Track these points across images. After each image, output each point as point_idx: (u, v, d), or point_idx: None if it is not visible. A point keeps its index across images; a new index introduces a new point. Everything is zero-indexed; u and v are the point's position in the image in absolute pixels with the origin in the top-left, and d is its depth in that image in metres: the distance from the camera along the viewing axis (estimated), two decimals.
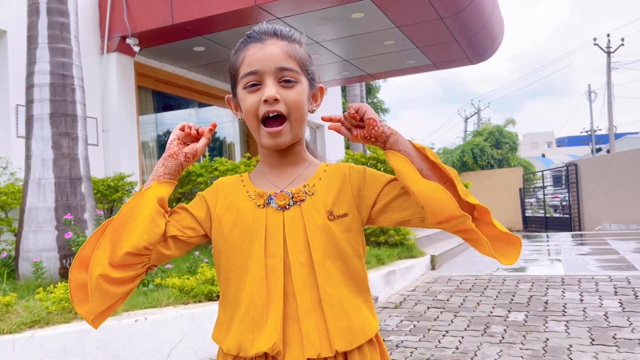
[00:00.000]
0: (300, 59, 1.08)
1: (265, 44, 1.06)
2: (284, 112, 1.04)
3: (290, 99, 1.04)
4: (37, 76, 4.83)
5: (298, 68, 1.07)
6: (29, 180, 4.78)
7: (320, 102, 1.15)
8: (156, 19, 7.30)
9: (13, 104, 6.38)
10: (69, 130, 4.89)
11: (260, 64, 1.05)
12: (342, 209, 1.07)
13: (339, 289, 1.03)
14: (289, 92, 1.04)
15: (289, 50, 1.07)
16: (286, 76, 1.05)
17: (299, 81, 1.06)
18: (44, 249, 4.65)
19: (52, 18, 4.90)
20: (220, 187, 1.16)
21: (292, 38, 1.10)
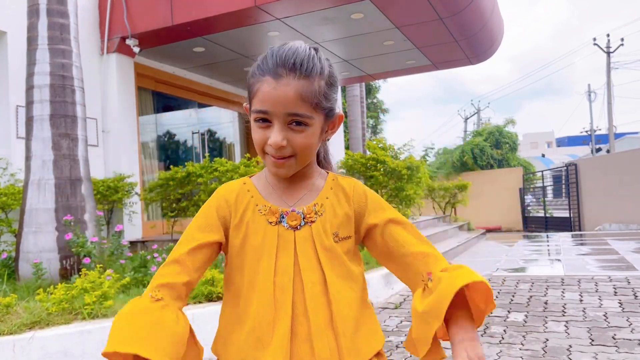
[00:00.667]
0: (315, 98, 1.01)
1: (280, 84, 0.99)
2: (291, 153, 1.03)
3: (298, 143, 1.02)
4: (37, 77, 4.84)
5: (310, 111, 1.01)
6: (29, 181, 4.79)
7: (337, 129, 1.12)
8: (156, 19, 7.31)
9: (13, 105, 6.38)
10: (69, 131, 4.90)
11: (271, 106, 1.00)
12: (346, 232, 1.09)
13: (351, 307, 1.05)
14: (298, 136, 1.02)
15: (303, 92, 1.00)
16: (296, 120, 1.01)
17: (309, 124, 1.02)
18: (44, 250, 4.66)
19: (52, 19, 4.90)
20: (228, 197, 1.12)
21: (311, 73, 1.01)
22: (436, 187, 10.56)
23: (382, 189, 6.37)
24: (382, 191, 6.37)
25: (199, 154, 10.01)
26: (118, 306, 3.66)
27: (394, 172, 6.12)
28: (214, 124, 10.92)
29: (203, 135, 10.23)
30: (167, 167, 9.17)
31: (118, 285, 3.91)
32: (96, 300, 3.58)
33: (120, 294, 4.02)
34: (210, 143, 10.57)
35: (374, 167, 6.20)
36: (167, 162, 9.50)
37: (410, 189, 6.15)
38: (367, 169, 6.31)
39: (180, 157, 9.96)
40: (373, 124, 23.93)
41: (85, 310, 3.52)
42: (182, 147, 10.13)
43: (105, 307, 3.57)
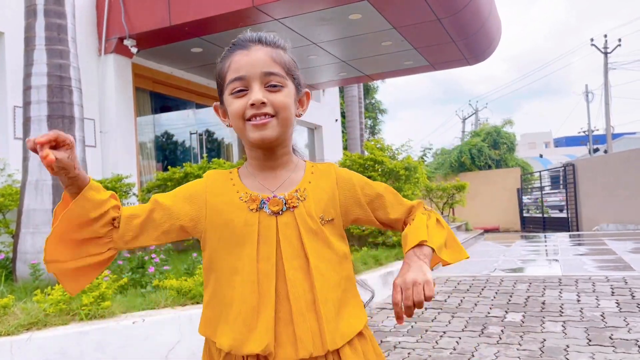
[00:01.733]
0: (286, 64, 1.10)
1: (251, 50, 1.08)
2: (272, 113, 1.07)
3: (278, 101, 1.07)
4: (35, 78, 4.83)
5: (284, 72, 1.09)
6: (27, 182, 4.78)
7: (307, 107, 1.19)
8: (154, 20, 7.30)
9: (10, 106, 6.38)
10: (67, 131, 4.87)
11: (246, 70, 1.07)
12: (331, 214, 1.12)
13: (333, 290, 1.08)
14: (276, 95, 1.07)
15: (274, 55, 1.09)
16: (272, 81, 1.07)
17: (285, 85, 1.09)
18: (41, 251, 4.63)
19: (50, 20, 4.90)
20: (208, 182, 1.16)
21: (276, 44, 1.11)
22: (434, 188, 10.58)
23: None
24: None
25: (197, 155, 10.00)
26: (115, 307, 3.66)
27: (392, 173, 6.12)
28: (212, 125, 10.91)
29: (201, 136, 10.22)
30: (165, 167, 9.16)
31: (115, 286, 3.90)
32: (94, 301, 3.57)
33: (117, 295, 4.01)
34: (208, 144, 10.56)
35: (372, 167, 6.21)
36: (165, 162, 9.49)
37: (408, 189, 6.16)
38: (365, 170, 6.32)
39: (178, 157, 9.95)
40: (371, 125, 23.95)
41: (82, 311, 3.51)
42: (180, 148, 10.12)
43: (102, 308, 3.57)
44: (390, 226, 1.22)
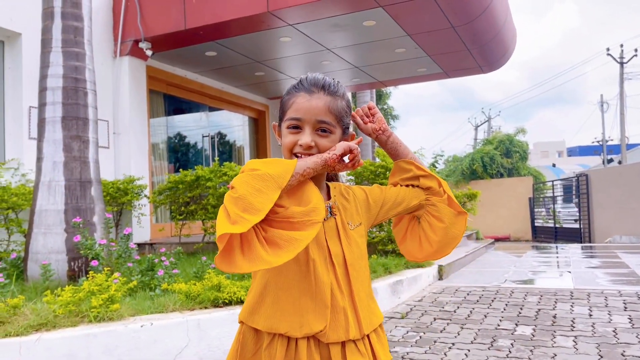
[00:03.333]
0: (339, 113, 1.27)
1: (313, 97, 1.25)
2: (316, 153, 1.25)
3: (323, 146, 1.25)
4: (50, 79, 4.88)
5: (334, 121, 1.26)
6: (40, 183, 4.82)
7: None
8: (169, 23, 7.35)
9: (26, 106, 6.45)
10: (80, 133, 4.93)
11: (303, 114, 1.25)
12: (358, 220, 1.36)
13: (363, 284, 1.31)
14: (323, 140, 1.25)
15: (330, 105, 1.26)
16: (323, 127, 1.25)
17: (333, 132, 1.26)
18: (52, 251, 4.68)
19: (67, 22, 4.95)
20: None
21: (336, 93, 1.28)
22: None
23: None
24: None
25: (208, 157, 10.04)
26: (124, 310, 3.67)
27: None
28: (224, 128, 10.95)
29: (213, 139, 10.26)
30: (177, 169, 9.21)
31: (125, 288, 3.91)
32: (103, 303, 3.58)
33: (126, 298, 4.03)
34: (220, 146, 10.60)
35: (383, 174, 6.17)
36: (177, 164, 9.54)
37: None
38: (376, 177, 6.29)
39: (190, 159, 10.00)
40: None
41: (91, 313, 3.52)
42: (192, 150, 10.16)
43: (111, 311, 3.58)
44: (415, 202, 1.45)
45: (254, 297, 1.28)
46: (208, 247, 6.87)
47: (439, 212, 1.42)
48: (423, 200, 1.44)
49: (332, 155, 1.22)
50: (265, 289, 1.27)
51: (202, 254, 6.22)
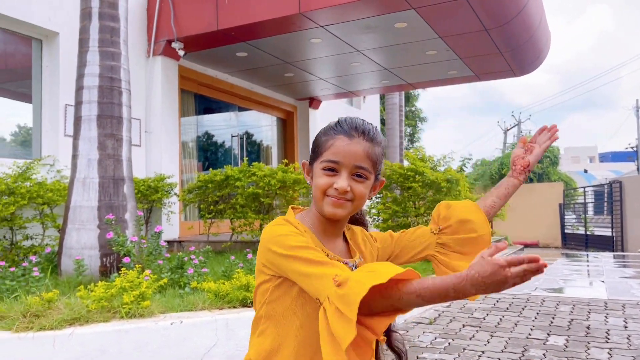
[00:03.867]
0: (376, 160, 1.26)
1: (353, 142, 1.23)
2: (350, 198, 1.24)
3: (358, 191, 1.23)
4: (87, 79, 4.98)
5: (371, 167, 1.25)
6: (75, 179, 4.92)
7: (377, 192, 1.34)
8: (202, 24, 7.43)
9: (62, 104, 6.59)
10: (115, 131, 5.02)
11: (342, 157, 1.22)
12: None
13: None
14: (358, 185, 1.23)
15: (369, 151, 1.24)
16: (359, 172, 1.23)
17: (368, 178, 1.25)
18: (86, 247, 4.78)
19: (104, 22, 5.04)
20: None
21: (375, 140, 1.26)
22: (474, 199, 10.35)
23: (420, 201, 6.27)
24: (419, 203, 6.28)
25: (237, 156, 10.11)
26: (155, 307, 3.71)
27: (433, 184, 6.02)
28: (253, 128, 11.03)
29: (242, 138, 10.34)
30: (206, 168, 9.31)
31: (155, 285, 3.96)
32: (134, 300, 3.63)
33: (157, 295, 4.08)
34: (248, 146, 10.68)
35: (412, 178, 6.12)
36: (206, 163, 9.64)
37: None
38: (405, 180, 6.23)
39: (219, 158, 10.09)
40: (410, 133, 23.72)
41: (123, 309, 3.58)
42: (221, 149, 10.26)
43: (142, 307, 3.63)
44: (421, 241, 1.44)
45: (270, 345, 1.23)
46: (236, 247, 6.91)
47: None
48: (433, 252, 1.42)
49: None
50: (285, 339, 1.22)
51: (230, 253, 6.26)
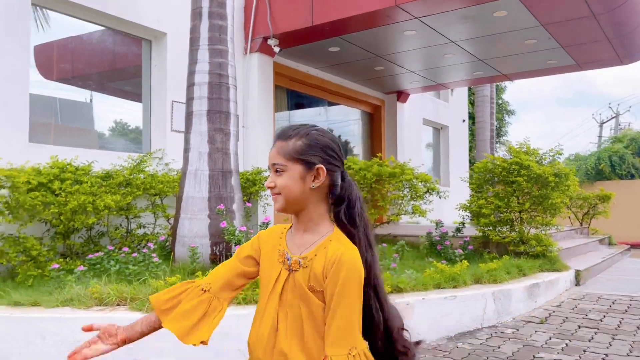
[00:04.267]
0: (289, 152, 1.45)
1: (272, 147, 1.50)
2: (278, 191, 1.47)
3: (279, 183, 1.46)
4: (198, 75, 5.22)
5: (285, 161, 1.45)
6: (187, 172, 5.18)
7: (322, 178, 1.45)
8: (297, 20, 7.56)
9: (169, 100, 6.96)
10: (223, 126, 5.22)
11: (268, 161, 1.51)
12: (321, 286, 1.40)
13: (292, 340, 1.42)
14: (279, 178, 1.46)
15: (281, 149, 1.47)
16: (276, 168, 1.47)
17: (285, 170, 1.45)
18: (197, 235, 5.02)
19: (213, 21, 5.26)
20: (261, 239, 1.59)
21: (289, 137, 1.48)
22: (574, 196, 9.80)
23: (524, 196, 6.01)
24: (524, 198, 6.02)
25: None
26: None
27: (539, 179, 5.75)
28: (341, 122, 11.10)
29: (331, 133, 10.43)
30: None
31: None
32: (249, 286, 3.78)
33: None
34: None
35: (517, 172, 5.87)
36: None
37: (557, 197, 5.73)
38: (509, 174, 6.00)
39: None
40: (497, 126, 22.88)
41: (240, 295, 3.73)
42: None
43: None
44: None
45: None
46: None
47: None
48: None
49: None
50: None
51: None
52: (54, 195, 5.14)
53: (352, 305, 1.34)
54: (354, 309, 1.34)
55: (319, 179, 1.44)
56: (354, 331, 1.34)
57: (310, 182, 1.44)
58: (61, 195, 5.15)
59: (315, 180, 1.45)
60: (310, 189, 1.44)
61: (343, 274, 1.34)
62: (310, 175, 1.44)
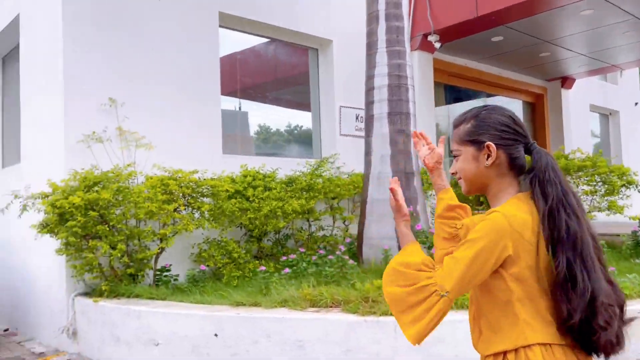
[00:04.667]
0: (461, 136, 1.54)
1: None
2: (459, 176, 1.56)
3: (458, 167, 1.56)
4: (377, 79, 5.27)
5: (458, 145, 1.54)
6: (370, 175, 5.26)
7: (494, 155, 1.46)
8: (459, 13, 7.32)
9: (337, 106, 7.14)
10: (403, 127, 5.21)
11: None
12: None
13: (480, 312, 1.54)
14: (457, 163, 1.55)
15: (454, 136, 1.57)
16: (454, 154, 1.57)
17: (459, 154, 1.54)
18: (385, 237, 5.06)
19: (390, 23, 5.27)
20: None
21: (458, 123, 1.57)
22: None
23: None
24: None
25: None
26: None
27: None
28: None
29: None
30: None
31: None
32: None
33: None
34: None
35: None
36: None
37: None
38: None
39: None
40: None
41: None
42: None
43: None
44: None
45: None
46: None
47: None
48: None
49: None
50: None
51: None
52: (249, 202, 5.52)
53: (467, 252, 1.34)
54: (465, 257, 1.33)
55: (492, 156, 1.46)
56: (451, 275, 1.33)
57: (484, 161, 1.47)
58: (255, 201, 5.52)
59: (490, 157, 1.46)
60: (486, 167, 1.47)
61: (477, 227, 1.37)
62: (483, 154, 1.47)
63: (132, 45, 5.30)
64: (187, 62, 5.69)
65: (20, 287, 5.62)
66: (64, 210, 4.22)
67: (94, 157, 4.85)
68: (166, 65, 5.52)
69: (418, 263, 1.41)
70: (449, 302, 1.34)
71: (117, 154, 5.01)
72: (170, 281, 5.03)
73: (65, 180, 4.48)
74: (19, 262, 5.67)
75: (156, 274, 5.03)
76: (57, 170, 4.84)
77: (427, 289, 1.35)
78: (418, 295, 1.35)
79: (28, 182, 4.81)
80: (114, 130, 5.04)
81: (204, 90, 5.83)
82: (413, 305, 1.37)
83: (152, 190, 4.74)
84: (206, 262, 5.20)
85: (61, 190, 4.36)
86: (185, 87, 5.65)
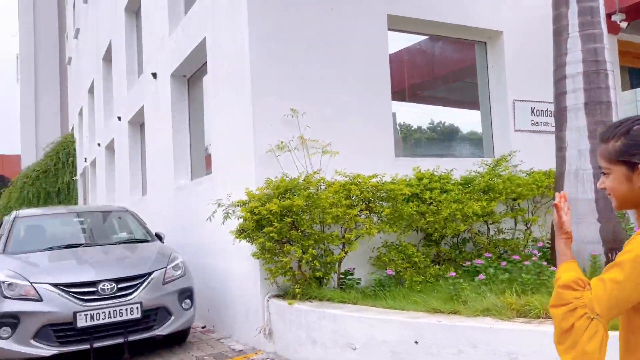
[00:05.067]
0: (608, 154, 1.43)
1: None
2: (608, 192, 1.47)
3: (607, 185, 1.46)
4: (569, 67, 4.79)
5: (607, 163, 1.44)
6: (565, 172, 4.79)
7: None
8: None
9: (510, 100, 6.69)
10: (604, 118, 4.67)
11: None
12: None
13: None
14: (606, 180, 1.46)
15: (601, 152, 1.45)
16: (603, 171, 1.48)
17: (608, 173, 1.45)
18: (586, 241, 4.56)
19: (582, 4, 4.77)
20: None
21: (607, 139, 1.44)
22: None
23: None
24: None
25: None
26: None
27: None
28: None
29: None
30: None
31: None
32: None
33: None
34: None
35: None
36: None
37: None
38: None
39: None
40: None
41: None
42: None
43: None
44: None
45: None
46: None
47: None
48: None
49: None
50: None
51: None
52: (426, 205, 5.37)
53: (615, 275, 1.27)
54: (614, 284, 1.26)
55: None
56: (599, 297, 1.26)
57: (637, 182, 1.38)
58: (432, 204, 5.36)
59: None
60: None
61: (626, 247, 1.31)
62: (637, 174, 1.38)
63: (308, 56, 5.46)
64: (358, 67, 5.72)
65: (217, 288, 6.09)
66: (261, 216, 4.44)
67: (280, 165, 5.07)
68: (339, 72, 5.60)
69: (568, 280, 1.35)
70: (603, 325, 1.27)
71: (301, 162, 5.18)
72: (353, 285, 5.08)
73: (261, 188, 4.73)
74: (215, 265, 6.15)
75: (340, 278, 5.10)
76: (248, 180, 5.14)
77: (577, 313, 1.29)
78: (568, 320, 1.29)
79: (230, 192, 5.15)
80: (297, 139, 5.23)
81: (374, 94, 5.81)
82: (566, 331, 1.30)
83: (336, 195, 4.81)
84: (387, 267, 5.15)
85: (257, 198, 4.60)
86: (357, 92, 5.69)
